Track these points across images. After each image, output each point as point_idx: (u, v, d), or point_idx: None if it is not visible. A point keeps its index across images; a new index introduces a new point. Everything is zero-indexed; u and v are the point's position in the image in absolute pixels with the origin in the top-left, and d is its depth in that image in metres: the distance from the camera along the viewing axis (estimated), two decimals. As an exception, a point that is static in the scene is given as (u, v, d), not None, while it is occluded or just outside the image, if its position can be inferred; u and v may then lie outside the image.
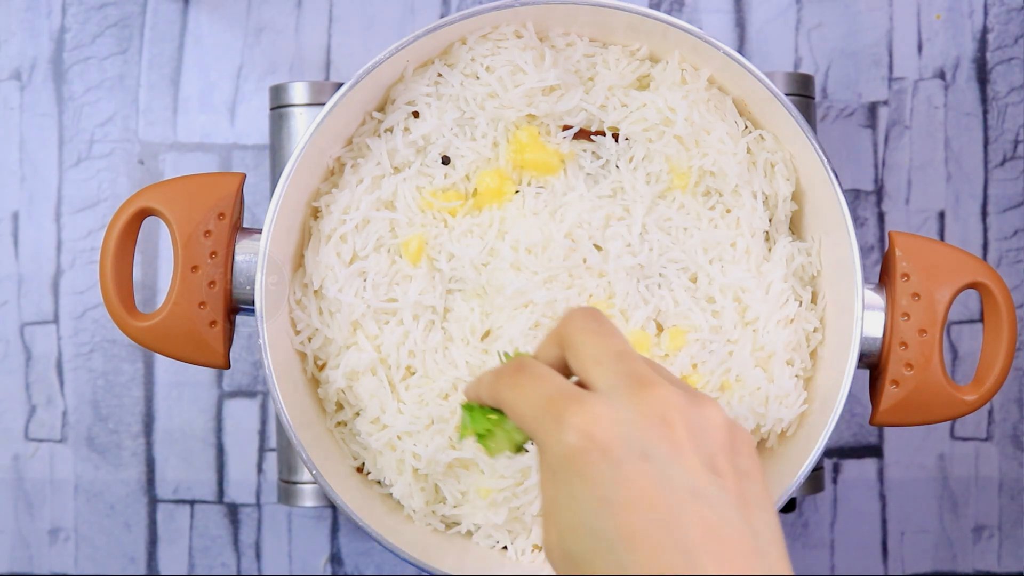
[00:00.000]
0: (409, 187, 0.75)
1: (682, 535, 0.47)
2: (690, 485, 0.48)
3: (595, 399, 0.50)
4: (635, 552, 0.47)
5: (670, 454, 0.49)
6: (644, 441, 0.49)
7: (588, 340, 0.53)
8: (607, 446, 0.49)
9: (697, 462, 0.49)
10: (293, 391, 0.75)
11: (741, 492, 0.49)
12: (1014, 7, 0.95)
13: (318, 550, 0.94)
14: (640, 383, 0.50)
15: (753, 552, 0.48)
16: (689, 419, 0.50)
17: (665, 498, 0.48)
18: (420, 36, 0.72)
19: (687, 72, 0.76)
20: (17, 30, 0.95)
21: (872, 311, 0.74)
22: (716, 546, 0.47)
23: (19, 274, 0.94)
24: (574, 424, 0.49)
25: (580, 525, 0.49)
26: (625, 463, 0.48)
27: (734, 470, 0.50)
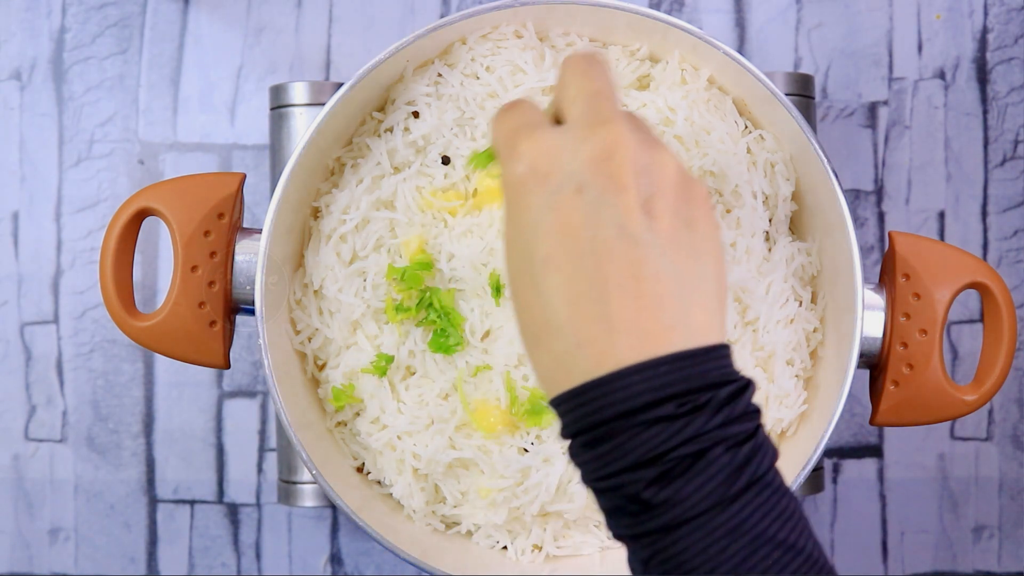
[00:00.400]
0: (409, 187, 0.75)
1: (597, 268, 0.49)
2: (618, 221, 0.49)
3: (550, 131, 0.52)
4: (550, 275, 0.50)
5: (605, 190, 0.50)
6: (582, 174, 0.50)
7: (572, 79, 0.54)
8: (547, 175, 0.51)
9: (633, 202, 0.50)
10: (293, 391, 0.75)
11: (675, 238, 0.50)
12: (1014, 7, 0.95)
13: (318, 550, 0.94)
14: (599, 120, 0.52)
15: (669, 295, 0.49)
16: (637, 159, 0.50)
17: (589, 230, 0.49)
18: (420, 36, 0.72)
19: (687, 72, 0.76)
20: (17, 30, 0.95)
21: (872, 311, 0.74)
22: (630, 283, 0.49)
23: (19, 274, 0.94)
24: (523, 152, 0.52)
25: (514, 244, 0.52)
26: (559, 193, 0.50)
27: (674, 215, 0.50)
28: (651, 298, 0.49)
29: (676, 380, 0.48)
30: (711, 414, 0.48)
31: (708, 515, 0.48)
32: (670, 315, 0.49)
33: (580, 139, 0.51)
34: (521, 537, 0.77)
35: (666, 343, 0.49)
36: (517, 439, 0.75)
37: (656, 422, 0.48)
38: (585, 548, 0.77)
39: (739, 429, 0.49)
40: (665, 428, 0.48)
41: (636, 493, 0.48)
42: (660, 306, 0.49)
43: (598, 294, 0.49)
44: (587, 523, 0.77)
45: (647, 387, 0.48)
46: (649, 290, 0.49)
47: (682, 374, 0.48)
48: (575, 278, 0.49)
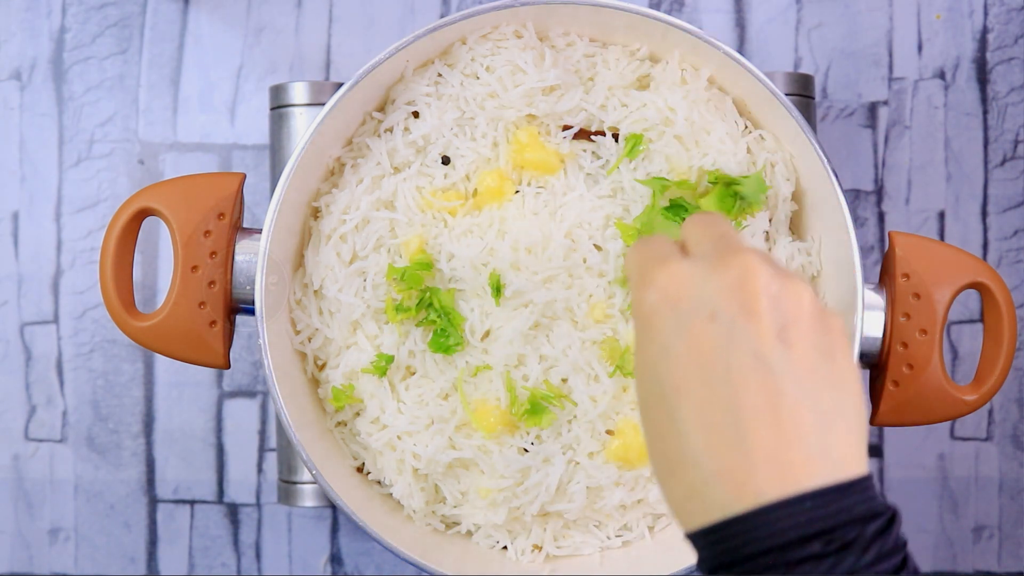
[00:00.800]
0: (409, 187, 0.75)
1: (733, 396, 0.47)
2: (753, 349, 0.48)
3: (682, 261, 0.52)
4: (683, 403, 0.48)
5: (739, 317, 0.48)
6: (715, 301, 0.49)
7: (695, 228, 0.55)
8: (678, 300, 0.50)
9: (767, 329, 0.48)
10: (293, 391, 0.75)
11: (813, 368, 0.48)
12: (1014, 7, 0.95)
13: (318, 550, 0.94)
14: (729, 250, 0.51)
15: (809, 424, 0.47)
16: (769, 288, 0.49)
17: (723, 357, 0.48)
18: (420, 36, 0.72)
19: (687, 72, 0.76)
20: (17, 30, 0.95)
21: (872, 311, 0.74)
22: (767, 412, 0.47)
23: (19, 274, 0.94)
24: (656, 280, 0.51)
25: (645, 372, 0.51)
26: (691, 318, 0.49)
27: (810, 345, 0.49)
28: (791, 428, 0.47)
29: (822, 516, 0.46)
30: (861, 551, 0.47)
31: None
32: (811, 446, 0.47)
33: (712, 267, 0.50)
34: (521, 537, 0.77)
35: (808, 476, 0.47)
36: (517, 439, 0.75)
37: (804, 561, 0.46)
38: (585, 548, 0.77)
39: (889, 565, 0.47)
40: (815, 567, 0.46)
41: None
42: (800, 437, 0.47)
43: (734, 423, 0.47)
44: (587, 523, 0.77)
45: (792, 523, 0.46)
46: (788, 420, 0.47)
47: (828, 510, 0.46)
48: (710, 406, 0.48)
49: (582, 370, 0.74)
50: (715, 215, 0.56)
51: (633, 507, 0.77)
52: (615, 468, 0.75)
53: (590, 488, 0.75)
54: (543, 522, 0.77)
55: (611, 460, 0.74)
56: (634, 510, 0.77)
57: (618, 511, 0.77)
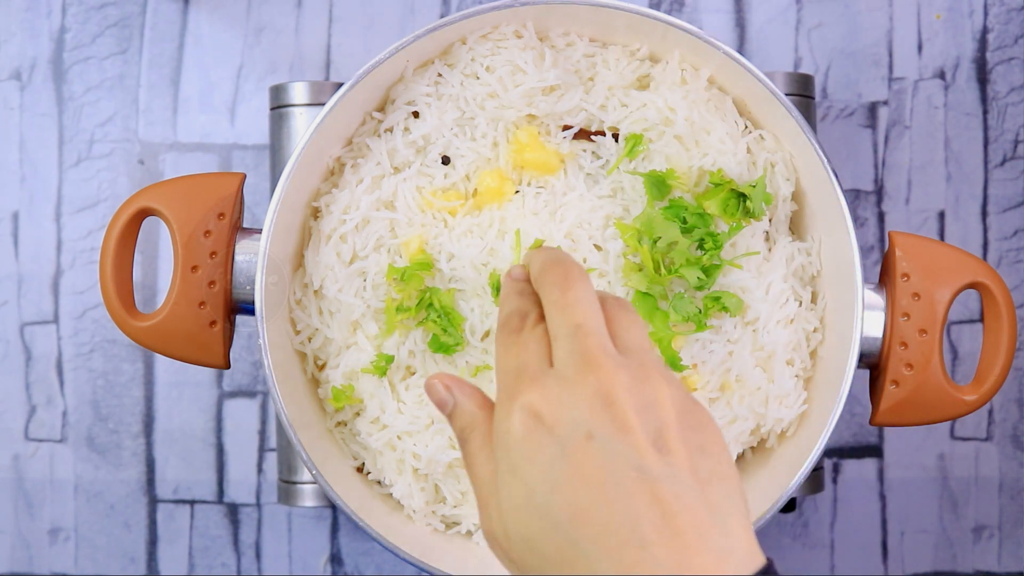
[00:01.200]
0: (409, 187, 0.75)
1: (628, 512, 0.47)
2: (635, 462, 0.48)
3: (545, 382, 0.51)
4: (582, 529, 0.48)
5: (614, 433, 0.49)
6: (588, 421, 0.49)
7: (552, 307, 0.53)
8: (552, 426, 0.49)
9: (643, 439, 0.49)
10: (293, 391, 0.75)
11: (694, 467, 0.49)
12: (1014, 7, 0.95)
13: (318, 550, 0.94)
14: (587, 364, 0.50)
15: (707, 524, 0.48)
16: (635, 397, 0.50)
17: (611, 476, 0.48)
18: (420, 36, 0.72)
19: (687, 72, 0.76)
20: (17, 30, 0.95)
21: (872, 311, 0.74)
22: (664, 521, 0.47)
23: (19, 274, 0.94)
24: (523, 404, 0.50)
25: (526, 505, 0.49)
26: (569, 442, 0.49)
27: (686, 445, 0.49)
28: (692, 534, 0.47)
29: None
30: None
31: None
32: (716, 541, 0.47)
33: (574, 384, 0.50)
34: (521, 537, 0.77)
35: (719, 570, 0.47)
36: (517, 439, 0.74)
37: None
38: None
39: None
40: None
41: None
42: (701, 535, 0.47)
43: (639, 542, 0.47)
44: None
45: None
46: (687, 526, 0.47)
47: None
48: (609, 526, 0.47)
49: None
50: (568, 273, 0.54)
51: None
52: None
53: (590, 488, 0.75)
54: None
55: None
56: (634, 510, 0.77)
57: (618, 511, 0.77)
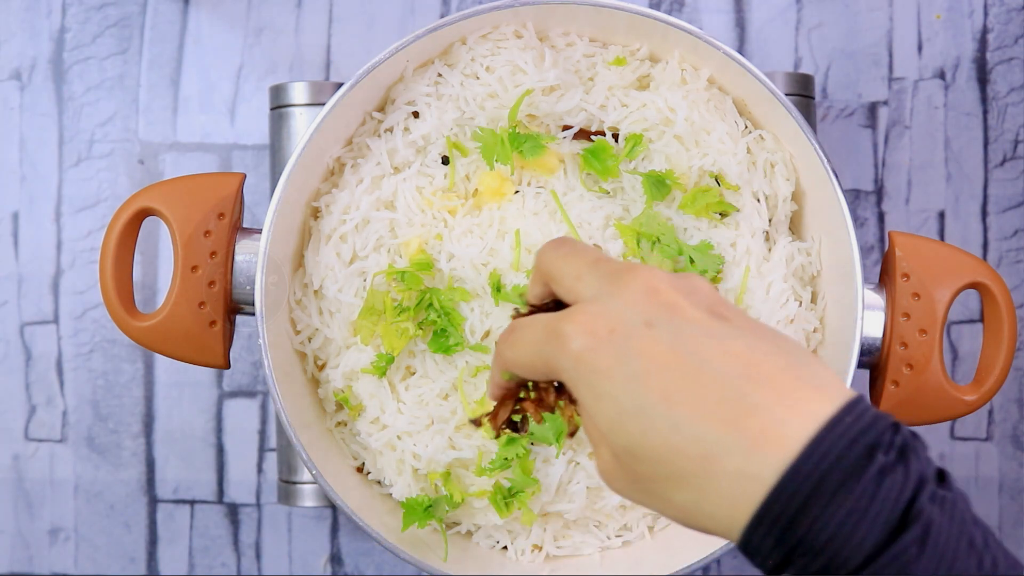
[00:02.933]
0: (409, 187, 0.75)
1: (713, 374, 0.46)
2: (702, 331, 0.47)
3: (585, 305, 0.50)
4: (678, 408, 0.46)
5: (670, 314, 0.48)
6: (642, 313, 0.48)
7: (564, 264, 0.53)
8: (609, 332, 0.48)
9: (699, 312, 0.48)
10: (293, 391, 0.75)
11: (754, 327, 0.48)
12: (1014, 7, 0.95)
13: (318, 550, 0.94)
14: (619, 274, 0.50)
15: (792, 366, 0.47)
16: (676, 285, 0.49)
17: (683, 349, 0.47)
18: (420, 36, 0.72)
19: (687, 72, 0.76)
20: (17, 30, 0.95)
21: (872, 311, 0.74)
22: (750, 371, 0.46)
23: (19, 274, 0.94)
24: (572, 331, 0.49)
25: (620, 413, 0.48)
26: (632, 337, 0.48)
27: (738, 314, 0.49)
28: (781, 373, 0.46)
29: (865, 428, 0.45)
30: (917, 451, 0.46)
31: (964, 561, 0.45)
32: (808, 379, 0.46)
33: (616, 294, 0.49)
34: (521, 537, 0.77)
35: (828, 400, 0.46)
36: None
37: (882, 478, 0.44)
38: (585, 548, 0.77)
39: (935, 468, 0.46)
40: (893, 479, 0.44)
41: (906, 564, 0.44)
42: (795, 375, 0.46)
43: (735, 395, 0.46)
44: (587, 523, 0.77)
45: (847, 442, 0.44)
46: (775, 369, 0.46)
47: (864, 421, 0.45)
48: (704, 395, 0.46)
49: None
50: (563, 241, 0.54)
51: (633, 507, 0.77)
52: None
53: (590, 488, 0.75)
54: (543, 522, 0.77)
55: (611, 460, 0.74)
56: (634, 510, 0.77)
57: (618, 511, 0.77)
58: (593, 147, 0.74)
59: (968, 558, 0.45)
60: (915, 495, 0.44)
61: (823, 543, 0.44)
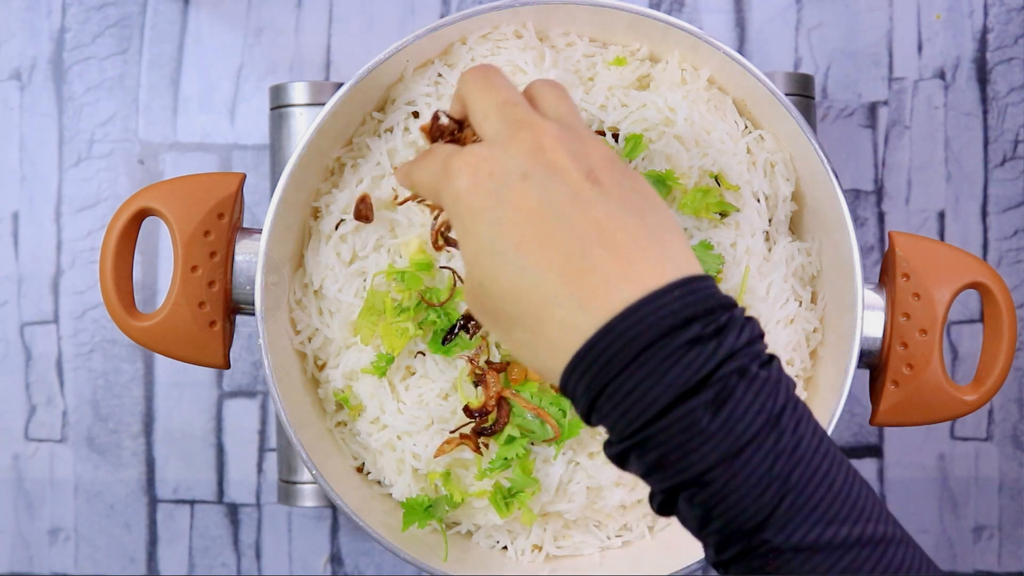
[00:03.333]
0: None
1: (570, 233, 0.50)
2: (571, 191, 0.51)
3: (478, 146, 0.54)
4: (527, 256, 0.51)
5: (548, 171, 0.52)
6: (523, 165, 0.52)
7: (477, 96, 0.57)
8: (489, 176, 0.52)
9: (577, 174, 0.52)
10: (293, 391, 0.75)
11: (626, 197, 0.52)
12: (1014, 7, 0.95)
13: (318, 550, 0.94)
14: (519, 124, 0.54)
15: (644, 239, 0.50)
16: (567, 146, 0.53)
17: (548, 206, 0.51)
18: (420, 36, 0.72)
19: (687, 72, 0.76)
20: (17, 30, 0.95)
21: (872, 311, 0.74)
22: (603, 237, 0.50)
23: (19, 274, 0.94)
24: (459, 167, 0.53)
25: (480, 252, 0.53)
26: (506, 186, 0.52)
27: (617, 183, 0.52)
28: (630, 243, 0.50)
29: (692, 302, 0.49)
30: (738, 332, 0.49)
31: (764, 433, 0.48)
32: (654, 252, 0.50)
33: (508, 142, 0.53)
34: (521, 537, 0.77)
35: (662, 274, 0.50)
36: (517, 439, 0.74)
37: (692, 344, 0.48)
38: (585, 548, 0.77)
39: (762, 347, 0.50)
40: (703, 348, 0.48)
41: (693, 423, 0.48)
42: (641, 247, 0.50)
43: (580, 254, 0.50)
44: (587, 523, 0.77)
45: (667, 311, 0.49)
46: (624, 238, 0.50)
47: (694, 297, 0.49)
48: (552, 248, 0.50)
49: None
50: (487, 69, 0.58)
51: (633, 507, 0.77)
52: (615, 468, 0.75)
53: (590, 488, 0.75)
54: (543, 522, 0.77)
55: (611, 460, 0.74)
56: (634, 510, 0.77)
57: (618, 511, 0.77)
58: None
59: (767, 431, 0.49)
60: (718, 366, 0.49)
61: (621, 397, 0.49)
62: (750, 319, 0.51)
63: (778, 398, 0.49)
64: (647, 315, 0.49)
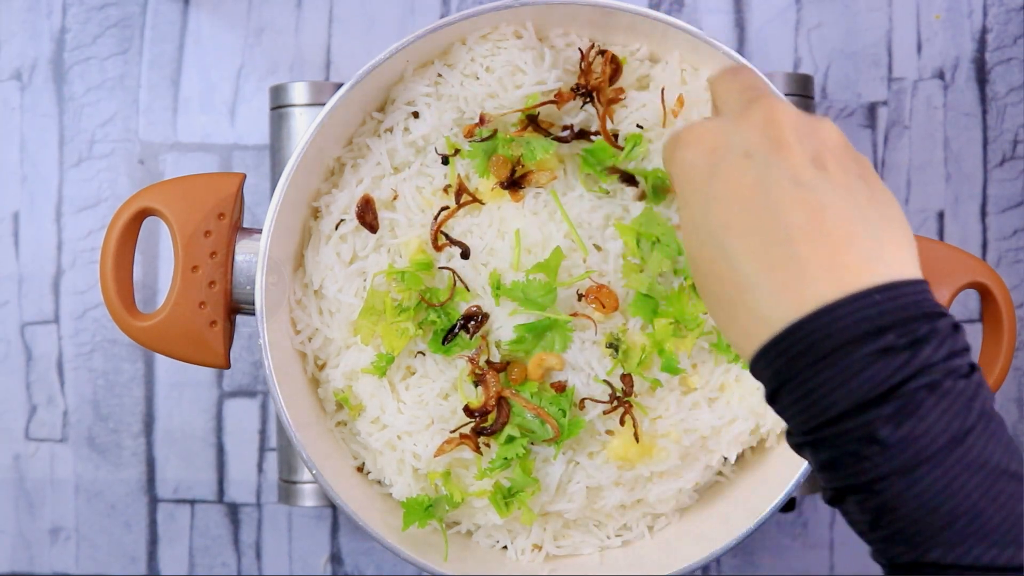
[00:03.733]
0: (409, 187, 0.76)
1: (777, 220, 0.49)
2: (792, 176, 0.49)
3: (710, 119, 0.53)
4: (733, 238, 0.49)
5: (772, 151, 0.50)
6: (747, 142, 0.51)
7: (722, 83, 0.57)
8: (712, 149, 0.51)
9: (802, 157, 0.50)
10: (293, 391, 0.75)
11: (851, 186, 0.50)
12: (1014, 7, 0.95)
13: (318, 550, 0.95)
14: (753, 99, 0.53)
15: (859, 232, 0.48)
16: (797, 124, 0.51)
17: (762, 187, 0.49)
18: (420, 36, 0.72)
19: (687, 72, 0.77)
20: (18, 30, 0.95)
21: (872, 311, 0.74)
22: (814, 228, 0.48)
23: (19, 274, 0.95)
24: (686, 140, 0.53)
25: (691, 223, 0.52)
26: (725, 161, 0.51)
27: (845, 170, 0.50)
28: (841, 236, 0.48)
29: (892, 309, 0.47)
30: (937, 345, 0.47)
31: (946, 451, 0.46)
32: (865, 250, 0.48)
33: (739, 116, 0.52)
34: (521, 537, 0.77)
35: (868, 276, 0.47)
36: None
37: (882, 353, 0.46)
38: (585, 548, 0.77)
39: (963, 361, 0.48)
40: (892, 359, 0.46)
41: (871, 433, 0.46)
42: (852, 242, 0.48)
43: (784, 241, 0.48)
44: (587, 523, 0.77)
45: (862, 316, 0.47)
46: (836, 230, 0.48)
47: (898, 303, 0.47)
48: (758, 233, 0.49)
49: (581, 370, 0.74)
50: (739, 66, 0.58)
51: (633, 507, 0.77)
52: (615, 468, 0.75)
53: (590, 488, 0.75)
54: (543, 522, 0.77)
55: (611, 460, 0.75)
56: (634, 510, 0.77)
57: (618, 511, 0.77)
58: (593, 147, 0.75)
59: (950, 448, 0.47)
60: (906, 380, 0.46)
61: (800, 395, 0.48)
62: (956, 330, 0.48)
63: (968, 416, 0.47)
64: (840, 317, 0.47)
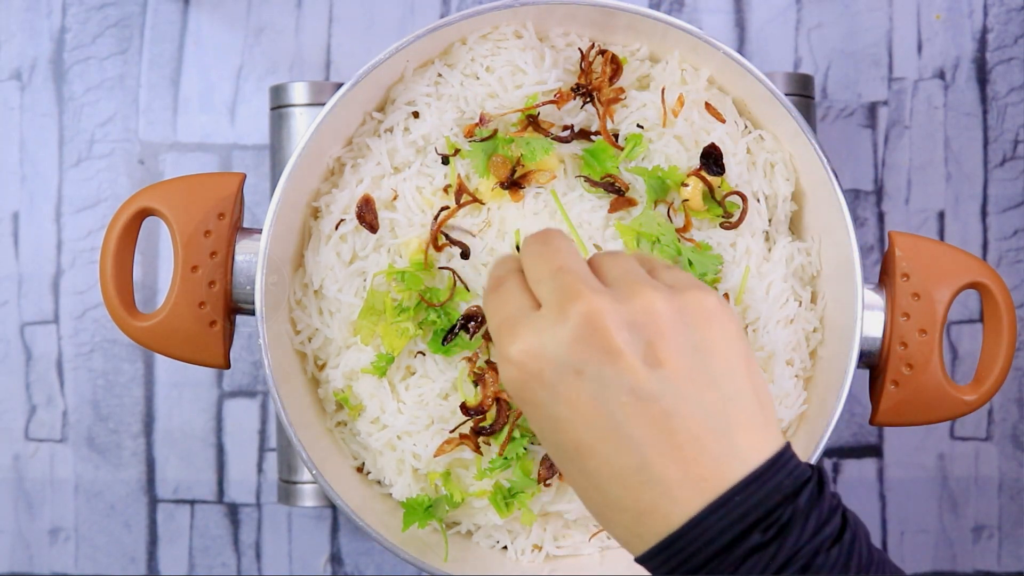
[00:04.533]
0: (409, 187, 0.76)
1: (627, 438, 0.49)
2: (627, 386, 0.49)
3: (529, 326, 0.52)
4: (589, 461, 0.50)
5: (602, 361, 0.50)
6: (574, 357, 0.50)
7: (533, 262, 0.55)
8: (540, 373, 0.51)
9: (632, 359, 0.49)
10: (293, 391, 0.75)
11: (691, 374, 0.50)
12: (1014, 7, 0.95)
13: (318, 550, 0.94)
14: (568, 296, 0.51)
15: (706, 433, 0.49)
16: (620, 316, 0.50)
17: (604, 407, 0.49)
18: (420, 36, 0.72)
19: (687, 72, 0.76)
20: (17, 30, 0.95)
21: (872, 311, 0.74)
22: (663, 439, 0.49)
23: (19, 274, 0.95)
24: (511, 356, 0.52)
25: (545, 441, 0.53)
26: (559, 384, 0.50)
27: (680, 352, 0.50)
28: (691, 446, 0.49)
29: (754, 505, 0.48)
30: (800, 527, 0.48)
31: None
32: (717, 453, 0.49)
33: (556, 323, 0.51)
34: (521, 537, 0.77)
35: (725, 480, 0.48)
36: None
37: (751, 552, 0.47)
38: (585, 548, 0.77)
39: (830, 530, 0.49)
40: (761, 557, 0.48)
41: None
42: (703, 450, 0.49)
43: (639, 464, 0.49)
44: (587, 523, 0.77)
45: (726, 523, 0.48)
46: (684, 439, 0.49)
47: (757, 497, 0.48)
48: (613, 456, 0.49)
49: (582, 370, 0.74)
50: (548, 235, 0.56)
51: (633, 507, 0.77)
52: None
53: (590, 488, 0.75)
54: (543, 522, 0.77)
55: (611, 460, 0.74)
56: (634, 510, 0.77)
57: (618, 511, 0.77)
58: (593, 147, 0.75)
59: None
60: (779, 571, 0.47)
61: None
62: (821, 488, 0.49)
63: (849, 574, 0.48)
64: (706, 529, 0.48)
